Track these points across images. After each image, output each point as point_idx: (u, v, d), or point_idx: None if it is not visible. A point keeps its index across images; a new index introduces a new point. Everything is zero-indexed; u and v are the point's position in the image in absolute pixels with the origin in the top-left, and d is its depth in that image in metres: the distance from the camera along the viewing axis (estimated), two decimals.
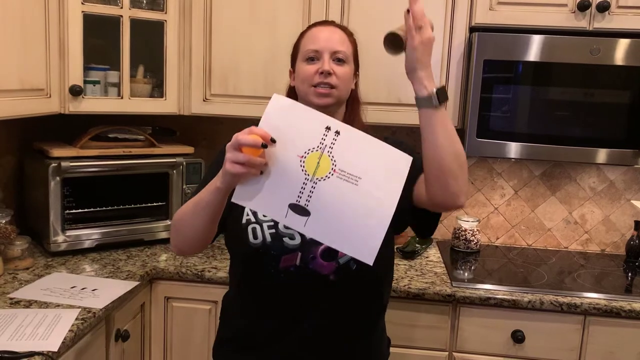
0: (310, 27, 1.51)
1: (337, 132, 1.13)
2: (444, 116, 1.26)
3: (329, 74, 1.40)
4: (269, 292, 1.39)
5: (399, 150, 1.18)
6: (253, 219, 1.39)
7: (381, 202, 1.13)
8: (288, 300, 1.39)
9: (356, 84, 1.53)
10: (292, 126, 1.14)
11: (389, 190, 1.13)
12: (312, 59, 1.42)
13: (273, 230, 1.37)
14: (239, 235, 1.39)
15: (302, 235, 1.35)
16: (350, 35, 1.50)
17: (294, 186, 1.14)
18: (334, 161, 1.13)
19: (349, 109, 1.51)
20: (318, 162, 1.13)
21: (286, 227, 1.35)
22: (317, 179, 1.13)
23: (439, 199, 1.29)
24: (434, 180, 1.28)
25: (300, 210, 1.15)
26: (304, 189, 1.14)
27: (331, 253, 1.34)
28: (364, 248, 1.14)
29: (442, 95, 1.24)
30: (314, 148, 1.13)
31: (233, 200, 1.18)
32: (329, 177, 1.13)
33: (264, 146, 1.11)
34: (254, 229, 1.37)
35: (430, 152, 1.26)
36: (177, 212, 1.39)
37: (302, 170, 1.14)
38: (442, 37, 2.13)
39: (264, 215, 1.38)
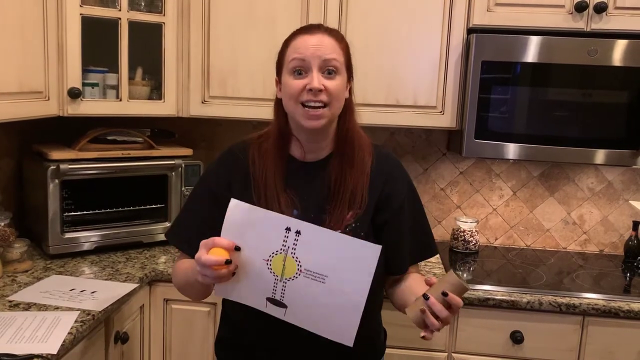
0: (295, 33, 1.36)
1: (298, 232, 1.14)
2: None
3: (319, 91, 1.26)
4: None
5: (364, 242, 1.15)
6: None
7: (350, 297, 1.14)
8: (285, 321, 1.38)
9: (350, 91, 1.39)
10: (254, 230, 1.16)
11: (357, 283, 1.14)
12: (300, 72, 1.29)
13: None
14: None
15: None
16: (341, 40, 1.35)
17: (266, 284, 1.19)
18: (299, 262, 1.15)
19: (342, 120, 1.38)
20: (284, 264, 1.15)
21: None
22: (285, 279, 1.16)
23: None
24: (395, 305, 1.43)
25: (277, 303, 1.20)
26: (276, 287, 1.18)
27: None
28: (342, 334, 1.18)
29: None
30: (277, 251, 1.15)
31: (215, 294, 1.26)
32: (296, 277, 1.16)
33: (228, 262, 1.14)
34: None
35: (399, 303, 1.40)
36: (173, 276, 1.46)
37: (270, 272, 1.17)
38: (440, 38, 2.13)
39: None
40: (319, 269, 1.14)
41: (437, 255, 2.29)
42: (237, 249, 1.16)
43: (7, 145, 2.24)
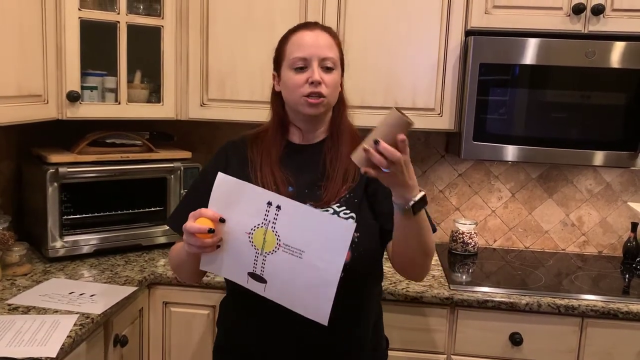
0: (293, 30, 1.46)
1: (278, 207, 1.18)
2: (419, 221, 1.26)
3: (319, 83, 1.38)
4: (261, 312, 1.38)
5: (340, 219, 1.24)
6: None
7: (325, 273, 1.18)
8: (281, 323, 1.37)
9: (341, 85, 1.49)
10: (238, 204, 1.21)
11: (331, 260, 1.17)
12: (301, 67, 1.39)
13: None
14: None
15: None
16: (335, 37, 1.46)
17: (248, 258, 1.23)
18: (278, 236, 1.19)
19: (336, 112, 1.49)
20: (264, 238, 1.20)
21: None
22: (265, 252, 1.21)
23: (401, 274, 1.44)
24: (398, 264, 1.40)
25: (257, 278, 1.24)
26: (257, 261, 1.22)
27: None
28: (317, 311, 1.21)
29: (418, 205, 1.22)
30: (259, 225, 1.20)
31: (200, 267, 1.29)
32: (275, 251, 1.20)
33: (211, 231, 1.20)
34: None
35: (400, 248, 1.34)
36: (170, 255, 1.50)
37: (252, 245, 1.22)
38: (438, 40, 2.14)
39: None
40: (296, 244, 1.18)
41: (436, 257, 2.30)
42: (222, 220, 1.22)
43: (6, 148, 2.24)
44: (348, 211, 1.37)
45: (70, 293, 1.79)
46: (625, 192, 2.48)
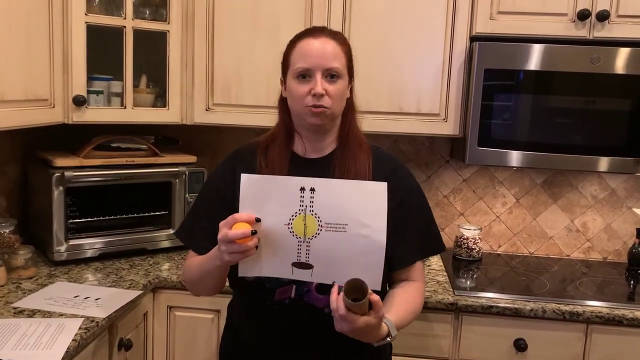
0: (300, 36, 1.41)
1: (312, 189, 1.19)
2: (401, 326, 1.31)
3: (321, 95, 1.33)
4: (266, 320, 1.40)
5: (371, 182, 1.24)
6: None
7: (371, 238, 1.20)
8: (285, 332, 1.39)
9: (351, 91, 1.45)
10: (270, 198, 1.21)
11: (373, 223, 1.19)
12: (304, 76, 1.35)
13: None
14: (233, 271, 1.35)
15: None
16: (343, 43, 1.41)
17: (290, 249, 1.23)
18: (319, 218, 1.20)
19: (345, 118, 1.44)
20: (304, 224, 1.21)
21: None
22: (308, 238, 1.21)
23: None
24: None
25: (303, 265, 1.24)
26: (300, 248, 1.23)
27: (326, 286, 1.29)
28: (368, 279, 1.18)
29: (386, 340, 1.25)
30: (296, 212, 1.21)
31: (240, 275, 1.27)
32: (319, 234, 1.21)
33: (254, 232, 1.19)
34: None
35: None
36: (185, 273, 1.49)
37: (293, 235, 1.22)
38: (443, 46, 2.14)
39: None
40: (338, 219, 1.19)
41: (441, 263, 2.30)
42: (258, 220, 1.21)
43: (12, 152, 2.25)
44: None
45: (75, 297, 1.79)
46: (630, 198, 2.47)
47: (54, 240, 2.05)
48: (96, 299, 1.78)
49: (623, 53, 2.01)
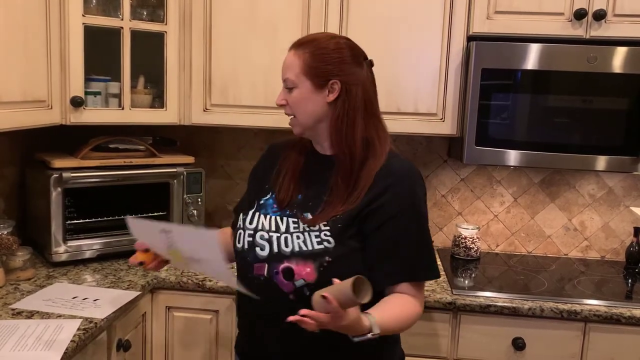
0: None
1: (170, 232, 1.37)
2: (387, 328, 1.28)
3: (281, 106, 1.44)
4: (250, 291, 1.40)
5: (202, 230, 1.47)
6: (241, 225, 1.47)
7: (219, 273, 1.44)
8: (263, 308, 1.40)
9: (339, 96, 1.38)
10: (150, 235, 1.45)
11: (215, 261, 1.31)
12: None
13: (250, 239, 1.43)
14: (233, 239, 1.51)
15: (270, 248, 1.38)
16: (304, 52, 1.38)
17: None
18: (181, 252, 1.40)
19: (333, 123, 1.40)
20: (175, 254, 1.42)
21: (261, 237, 1.41)
22: (184, 262, 1.48)
23: None
24: None
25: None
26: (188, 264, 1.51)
27: (289, 273, 1.34)
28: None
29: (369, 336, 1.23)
30: (168, 246, 1.41)
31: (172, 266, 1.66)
32: (186, 262, 1.45)
33: (141, 264, 1.51)
34: (239, 234, 1.46)
35: None
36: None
37: (174, 259, 1.47)
38: (440, 46, 2.14)
39: (250, 223, 1.45)
40: (192, 254, 1.38)
41: (438, 261, 2.30)
42: (147, 250, 1.49)
43: (10, 153, 2.25)
44: (329, 233, 1.35)
45: (73, 298, 1.79)
46: (628, 196, 2.48)
47: (52, 242, 2.05)
48: (94, 300, 1.78)
49: (620, 52, 2.01)
